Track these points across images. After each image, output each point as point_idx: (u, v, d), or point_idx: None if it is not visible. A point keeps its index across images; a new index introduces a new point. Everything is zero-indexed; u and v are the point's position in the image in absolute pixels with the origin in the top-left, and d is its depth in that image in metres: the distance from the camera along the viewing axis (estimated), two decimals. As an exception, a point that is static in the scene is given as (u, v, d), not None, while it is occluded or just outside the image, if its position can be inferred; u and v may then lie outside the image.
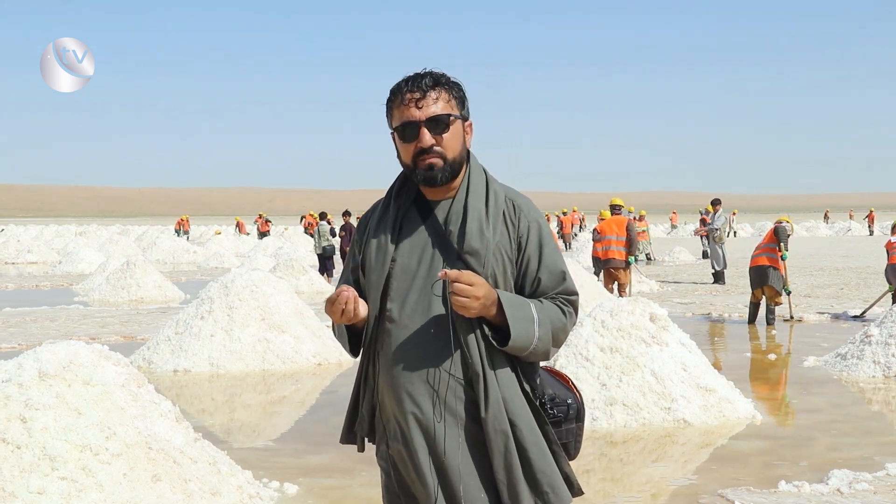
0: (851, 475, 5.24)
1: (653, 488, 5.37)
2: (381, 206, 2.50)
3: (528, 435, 2.34)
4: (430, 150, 2.35)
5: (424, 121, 2.35)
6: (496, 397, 2.32)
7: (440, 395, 2.33)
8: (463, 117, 2.43)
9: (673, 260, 26.36)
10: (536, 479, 2.34)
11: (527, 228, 2.42)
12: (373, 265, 2.42)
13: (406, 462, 2.38)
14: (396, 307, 2.38)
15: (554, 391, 2.48)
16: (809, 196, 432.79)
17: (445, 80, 2.40)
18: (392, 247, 2.41)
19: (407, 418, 2.35)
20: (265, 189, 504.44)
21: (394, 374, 2.36)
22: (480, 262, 2.34)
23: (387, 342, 2.39)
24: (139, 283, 16.99)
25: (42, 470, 4.19)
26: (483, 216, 2.38)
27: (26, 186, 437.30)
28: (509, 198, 2.45)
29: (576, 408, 2.49)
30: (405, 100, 2.36)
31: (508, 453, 2.32)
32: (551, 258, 2.43)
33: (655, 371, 6.70)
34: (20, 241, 35.20)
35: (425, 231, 2.41)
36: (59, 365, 4.61)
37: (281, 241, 33.59)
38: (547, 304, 2.40)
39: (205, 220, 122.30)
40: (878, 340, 8.57)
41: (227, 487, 4.73)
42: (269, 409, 7.91)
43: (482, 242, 2.35)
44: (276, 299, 9.71)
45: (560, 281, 2.43)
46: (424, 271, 2.37)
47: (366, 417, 2.49)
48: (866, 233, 50.86)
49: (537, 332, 2.33)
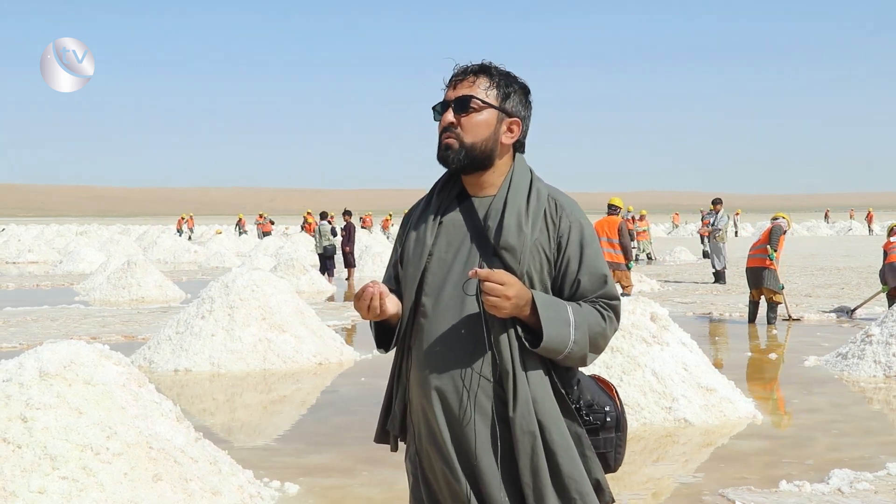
0: (852, 475, 5.24)
1: (654, 488, 5.37)
2: (424, 201, 2.47)
3: (557, 438, 2.26)
4: (448, 129, 2.34)
5: (453, 100, 2.35)
6: (525, 397, 2.25)
7: (470, 393, 2.27)
8: (501, 109, 2.36)
9: (674, 259, 26.37)
10: (564, 484, 2.25)
11: (568, 228, 2.35)
12: (410, 258, 2.39)
13: (434, 464, 2.33)
14: (431, 302, 2.33)
15: (593, 398, 2.38)
16: (810, 196, 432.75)
17: (495, 70, 2.38)
18: (430, 241, 2.37)
19: (436, 416, 2.29)
20: (266, 189, 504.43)
21: (424, 371, 2.31)
22: (516, 258, 2.28)
23: (419, 338, 2.34)
24: (140, 283, 16.99)
25: (43, 469, 4.19)
26: (522, 212, 2.32)
27: (27, 186, 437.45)
28: (552, 196, 2.38)
29: (615, 416, 2.39)
30: (450, 82, 2.39)
31: (535, 455, 2.24)
32: (593, 260, 2.35)
33: (656, 371, 6.70)
34: (21, 241, 35.20)
35: (465, 226, 2.37)
36: (60, 364, 4.61)
37: (282, 240, 33.60)
38: (585, 308, 2.31)
39: (206, 219, 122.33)
40: (878, 340, 8.56)
41: (227, 487, 4.73)
42: (269, 409, 7.91)
43: (519, 239, 2.29)
44: (277, 299, 9.71)
45: (601, 284, 2.35)
46: (460, 266, 2.33)
47: (398, 415, 2.44)
48: (867, 232, 50.87)
49: (573, 336, 2.25)
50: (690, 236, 46.45)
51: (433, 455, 2.33)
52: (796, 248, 31.18)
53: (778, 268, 12.19)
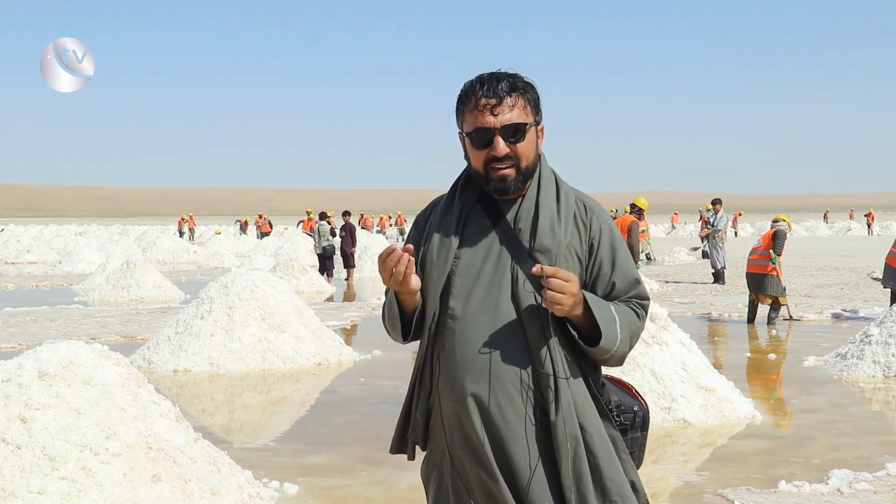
0: (852, 475, 5.24)
1: (653, 488, 5.37)
2: (444, 203, 2.41)
3: (598, 441, 2.26)
4: (503, 159, 2.26)
5: (500, 129, 2.25)
6: (567, 401, 2.23)
7: (509, 398, 2.23)
8: (536, 122, 2.34)
9: (673, 260, 26.38)
10: (606, 487, 2.24)
11: (598, 230, 2.34)
12: (434, 261, 2.31)
13: (468, 470, 2.29)
14: (460, 305, 2.28)
15: (620, 398, 2.40)
16: (809, 196, 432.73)
17: (522, 83, 2.30)
18: (455, 243, 2.32)
19: (473, 422, 2.25)
20: (265, 189, 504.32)
21: (456, 376, 2.26)
22: (551, 260, 2.25)
23: (449, 342, 2.28)
24: (139, 283, 16.99)
25: (42, 470, 4.19)
26: (555, 215, 2.30)
27: (26, 186, 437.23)
28: (580, 199, 2.37)
29: (641, 416, 2.41)
30: (479, 105, 2.26)
31: (578, 460, 2.22)
32: (624, 262, 2.36)
33: (655, 371, 6.70)
34: (20, 241, 35.21)
35: (492, 229, 2.32)
36: (59, 365, 4.61)
37: (281, 240, 33.60)
38: (623, 307, 2.32)
39: (205, 219, 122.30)
40: (878, 340, 8.57)
41: (227, 487, 4.73)
42: (269, 409, 7.91)
43: (554, 241, 2.27)
44: (277, 299, 9.71)
45: (634, 285, 2.36)
46: (490, 269, 2.28)
47: (420, 422, 2.38)
48: (866, 233, 50.88)
49: (620, 334, 2.25)
50: (690, 236, 46.46)
51: (467, 461, 2.29)
52: (795, 249, 31.16)
53: (782, 272, 12.17)
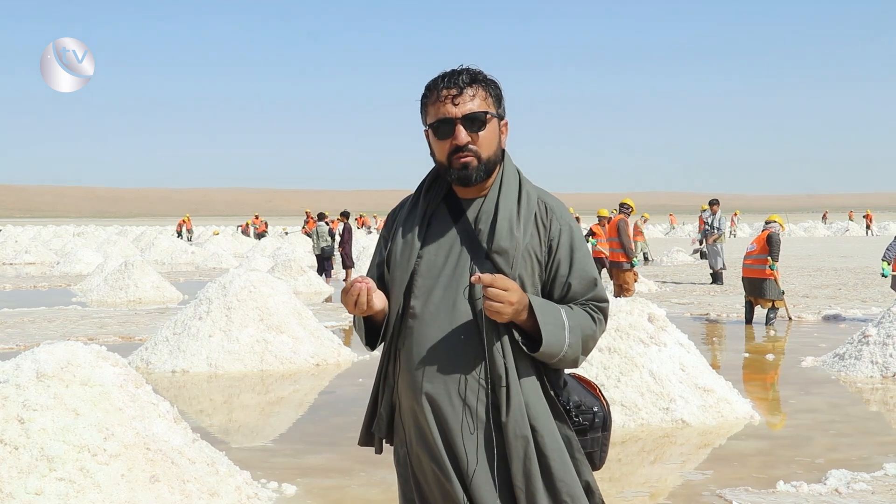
0: (850, 475, 5.25)
1: (651, 488, 5.37)
2: (410, 202, 2.45)
3: (549, 442, 2.28)
4: (465, 148, 2.30)
5: (461, 118, 2.29)
6: (518, 402, 2.26)
7: (462, 397, 2.27)
8: (499, 116, 2.37)
9: (671, 260, 26.37)
10: (556, 487, 2.27)
11: (558, 231, 2.36)
12: (398, 260, 2.37)
13: (424, 466, 2.33)
14: (420, 304, 2.32)
15: (580, 398, 2.41)
16: (808, 196, 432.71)
17: (483, 77, 2.35)
18: (419, 243, 2.36)
19: (427, 419, 2.29)
20: (263, 189, 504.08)
21: (414, 373, 2.30)
22: (509, 262, 2.28)
23: (408, 340, 2.33)
24: (137, 284, 16.97)
25: (40, 471, 4.19)
26: (514, 216, 2.32)
27: (24, 187, 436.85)
28: (542, 199, 2.39)
29: (602, 416, 2.42)
30: (441, 96, 2.31)
31: (528, 460, 2.26)
32: (582, 263, 2.37)
33: (654, 371, 6.70)
34: (18, 242, 35.16)
35: (454, 228, 2.36)
36: (57, 365, 4.61)
37: (279, 241, 33.59)
38: (577, 311, 2.33)
39: (203, 220, 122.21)
40: (875, 341, 8.57)
41: (225, 488, 4.73)
42: (267, 410, 7.91)
43: (511, 242, 2.29)
44: (275, 300, 9.70)
45: (591, 287, 2.37)
46: (451, 269, 2.32)
47: (384, 417, 2.43)
48: (864, 233, 50.90)
49: (568, 339, 2.27)
50: (688, 237, 46.45)
51: (423, 457, 2.33)
52: (794, 249, 31.17)
53: (779, 275, 12.16)
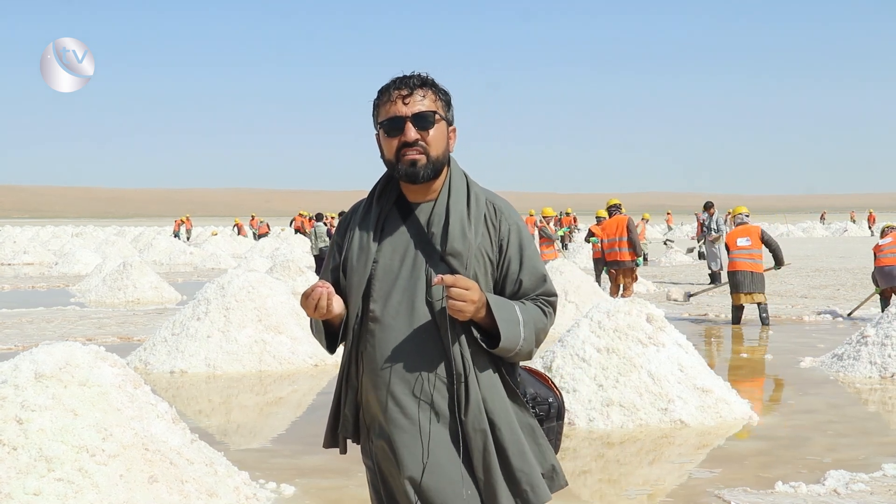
0: (848, 476, 5.25)
1: (650, 489, 5.37)
2: (363, 207, 2.52)
3: (507, 435, 2.37)
4: (413, 145, 2.38)
5: (410, 116, 2.39)
6: (476, 398, 2.36)
7: (425, 395, 2.36)
8: (447, 120, 2.47)
9: (669, 261, 26.39)
10: (516, 478, 2.37)
11: (507, 231, 2.46)
12: (354, 266, 2.44)
13: (389, 459, 2.40)
14: (379, 308, 2.41)
15: (535, 390, 2.54)
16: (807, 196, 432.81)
17: (433, 82, 2.46)
18: (374, 247, 2.44)
19: (391, 418, 2.37)
20: (262, 190, 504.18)
21: (378, 374, 2.39)
22: (463, 263, 2.38)
23: (370, 343, 2.41)
24: (136, 284, 16.96)
25: (38, 471, 4.18)
26: (465, 218, 2.41)
27: (22, 187, 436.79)
28: (490, 201, 2.49)
29: (556, 406, 2.56)
30: (392, 96, 2.41)
31: (487, 453, 2.35)
32: (532, 261, 2.47)
33: (652, 372, 6.70)
34: (16, 242, 35.10)
35: (407, 232, 2.44)
36: (56, 366, 4.61)
37: (278, 241, 33.59)
38: (529, 306, 2.44)
39: (201, 220, 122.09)
40: (874, 341, 8.58)
41: (223, 488, 4.73)
42: (265, 410, 7.90)
43: (464, 244, 2.39)
44: (273, 300, 9.70)
45: (541, 283, 2.48)
46: (407, 272, 2.40)
47: (349, 418, 2.51)
48: (862, 233, 50.92)
49: (523, 334, 2.38)
50: (686, 237, 46.46)
51: (389, 456, 2.40)
52: (792, 250, 31.18)
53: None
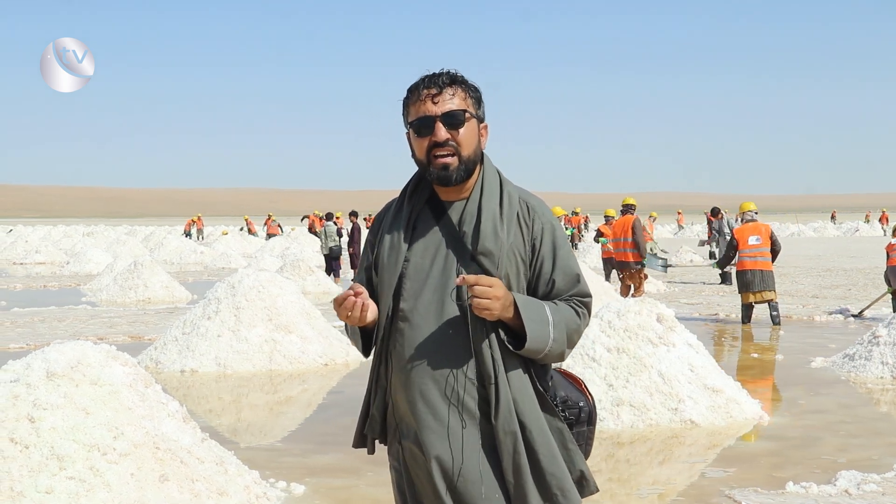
0: (860, 476, 5.22)
1: (660, 489, 5.36)
2: (395, 206, 2.49)
3: (538, 437, 2.33)
4: (444, 145, 2.34)
5: (440, 115, 2.34)
6: (506, 398, 2.31)
7: (454, 395, 2.32)
8: (478, 118, 2.42)
9: (679, 260, 26.31)
10: (546, 481, 2.32)
11: (541, 230, 2.41)
12: (385, 264, 2.41)
13: (417, 461, 2.37)
14: (409, 307, 2.37)
15: (566, 393, 2.48)
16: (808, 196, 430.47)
17: (462, 79, 2.41)
18: (405, 246, 2.40)
19: (420, 418, 2.34)
20: (271, 189, 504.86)
21: (407, 374, 2.36)
22: (494, 263, 2.33)
23: (399, 342, 2.38)
24: (147, 284, 17.02)
25: (50, 469, 4.20)
26: (497, 217, 2.37)
27: (34, 187, 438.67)
28: (523, 199, 2.44)
29: (587, 410, 2.49)
30: (422, 95, 2.37)
31: (517, 455, 2.30)
32: (565, 260, 2.42)
33: (662, 372, 6.69)
34: (28, 242, 35.32)
35: (439, 231, 2.40)
36: (67, 365, 4.63)
37: (288, 241, 33.63)
38: (561, 306, 2.39)
39: (211, 220, 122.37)
40: (886, 341, 8.54)
41: (234, 487, 4.74)
42: (276, 410, 7.92)
43: (496, 243, 2.34)
44: (283, 300, 9.71)
45: (574, 283, 2.42)
46: (438, 271, 2.37)
47: (377, 418, 2.48)
48: (873, 233, 50.68)
49: (552, 334, 2.32)
50: (696, 237, 46.31)
51: (418, 457, 2.37)
52: (802, 250, 31.09)
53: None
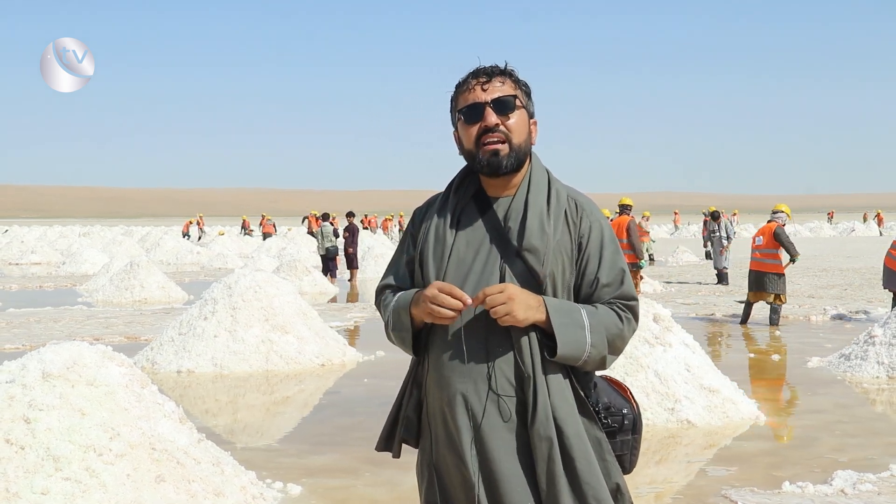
0: (856, 476, 5.23)
1: (657, 488, 5.36)
2: (440, 200, 2.42)
3: (575, 444, 2.24)
4: (494, 130, 2.27)
5: (490, 101, 2.28)
6: (544, 403, 2.23)
7: (491, 397, 2.24)
8: (529, 111, 2.36)
9: (676, 260, 26.35)
10: (582, 490, 2.23)
11: (588, 228, 2.33)
12: (430, 257, 2.34)
13: (450, 467, 2.30)
14: None
15: (610, 400, 2.37)
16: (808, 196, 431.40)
17: (511, 72, 2.35)
18: (450, 241, 2.33)
19: (457, 419, 2.27)
20: (270, 189, 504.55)
21: (444, 373, 2.29)
22: (539, 259, 2.26)
23: (439, 340, 2.31)
24: (143, 284, 17.01)
25: (46, 470, 4.19)
26: (544, 214, 2.30)
27: (29, 187, 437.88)
28: (571, 197, 2.37)
29: (632, 418, 2.38)
30: (470, 84, 2.32)
31: (552, 461, 2.22)
32: (612, 260, 2.34)
33: (659, 372, 6.69)
34: (24, 242, 35.27)
35: (483, 227, 2.34)
36: (63, 365, 4.62)
37: (284, 241, 33.62)
38: (602, 310, 2.30)
39: (208, 220, 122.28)
40: (882, 341, 8.55)
41: (230, 488, 4.73)
42: (272, 410, 7.91)
43: (542, 240, 2.26)
44: (280, 300, 9.71)
45: (619, 285, 2.33)
46: (480, 266, 2.30)
47: (412, 419, 2.41)
48: (870, 233, 50.74)
49: (590, 339, 2.24)
50: (692, 237, 46.37)
51: (450, 460, 2.30)
52: (799, 250, 31.08)
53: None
